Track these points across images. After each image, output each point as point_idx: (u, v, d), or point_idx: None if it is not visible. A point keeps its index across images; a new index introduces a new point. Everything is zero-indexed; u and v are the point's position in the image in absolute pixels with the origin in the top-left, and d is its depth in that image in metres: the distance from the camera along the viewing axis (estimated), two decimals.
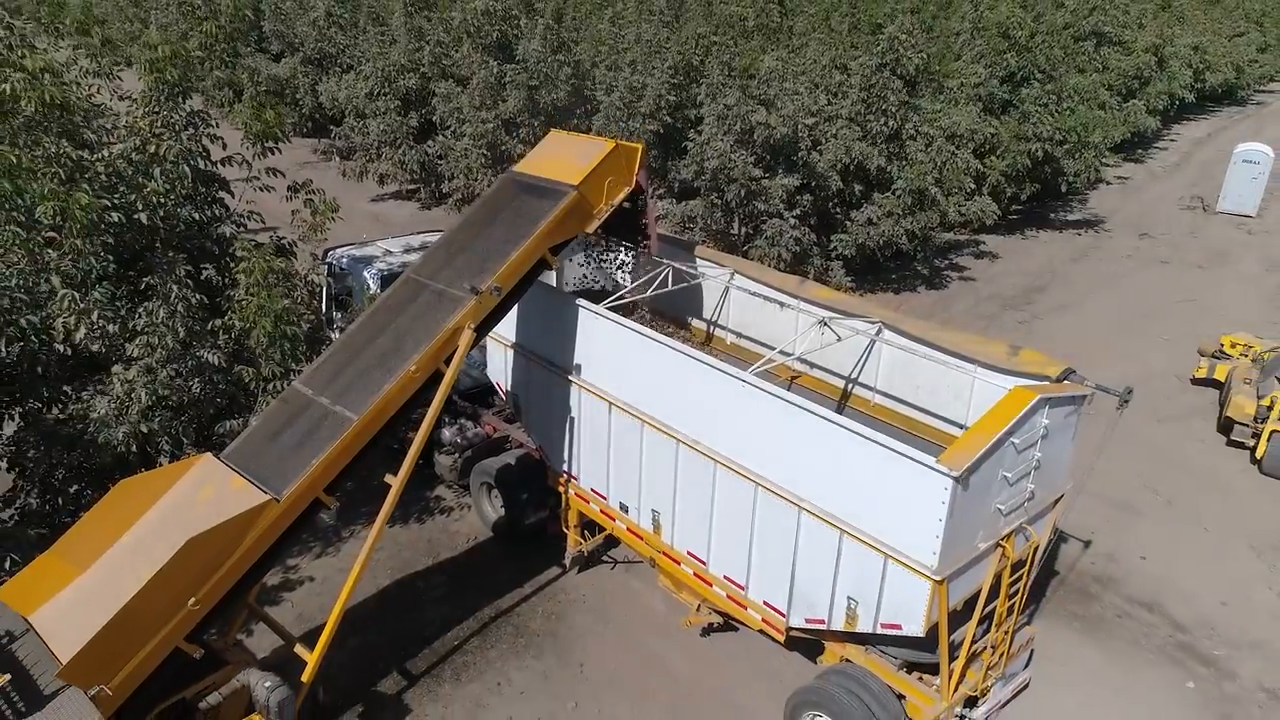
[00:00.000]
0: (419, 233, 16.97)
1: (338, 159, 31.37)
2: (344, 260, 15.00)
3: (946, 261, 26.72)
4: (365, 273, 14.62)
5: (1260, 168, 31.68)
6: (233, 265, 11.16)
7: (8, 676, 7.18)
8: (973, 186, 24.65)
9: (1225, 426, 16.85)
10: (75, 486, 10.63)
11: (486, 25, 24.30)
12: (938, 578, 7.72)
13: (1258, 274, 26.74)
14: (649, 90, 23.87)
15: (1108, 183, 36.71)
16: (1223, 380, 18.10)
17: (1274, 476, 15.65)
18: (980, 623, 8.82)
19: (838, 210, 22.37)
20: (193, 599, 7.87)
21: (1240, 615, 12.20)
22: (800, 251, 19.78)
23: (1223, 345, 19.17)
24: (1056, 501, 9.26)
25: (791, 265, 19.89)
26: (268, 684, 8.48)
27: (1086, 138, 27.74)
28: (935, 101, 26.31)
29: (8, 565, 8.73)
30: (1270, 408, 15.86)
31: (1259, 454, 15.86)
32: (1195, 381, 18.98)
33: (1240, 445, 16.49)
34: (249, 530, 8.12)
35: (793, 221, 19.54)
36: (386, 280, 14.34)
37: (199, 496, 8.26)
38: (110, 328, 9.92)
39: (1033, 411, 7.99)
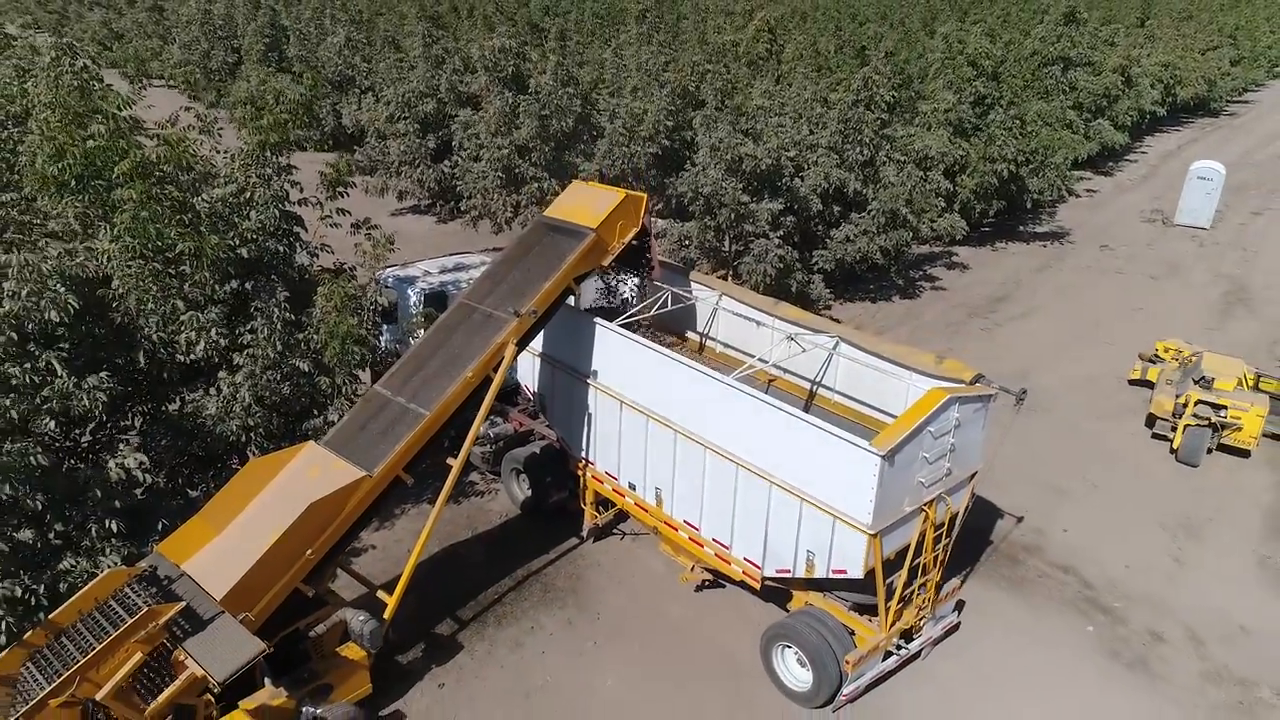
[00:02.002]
0: (452, 254, 19.46)
1: (359, 175, 33.84)
2: (390, 279, 17.51)
3: (920, 272, 29.28)
4: (409, 290, 17.16)
5: (1213, 184, 34.27)
6: (311, 290, 13.66)
7: (182, 604, 9.65)
8: (943, 205, 27.22)
9: (1150, 421, 19.42)
10: (187, 470, 13.10)
11: (503, 60, 26.78)
12: (872, 532, 10.27)
13: (1204, 284, 29.30)
14: (649, 116, 26.33)
15: (1076, 195, 39.18)
16: (1153, 381, 20.65)
17: (1187, 464, 18.21)
18: (910, 573, 11.36)
19: (819, 228, 24.94)
20: (310, 550, 10.40)
21: (1140, 577, 14.76)
22: (784, 267, 22.31)
23: (1157, 350, 21.72)
24: (971, 477, 11.80)
25: (776, 279, 22.42)
26: (361, 618, 11.01)
27: (1049, 158, 30.36)
28: (910, 126, 28.90)
29: (160, 528, 11.21)
30: (1185, 405, 18.44)
31: (1175, 445, 18.44)
32: (1131, 382, 21.53)
33: (1163, 438, 19.06)
34: (350, 499, 10.65)
35: (777, 241, 22.07)
36: (428, 297, 16.92)
37: (309, 474, 10.78)
38: (222, 341, 12.42)
39: (945, 407, 10.55)
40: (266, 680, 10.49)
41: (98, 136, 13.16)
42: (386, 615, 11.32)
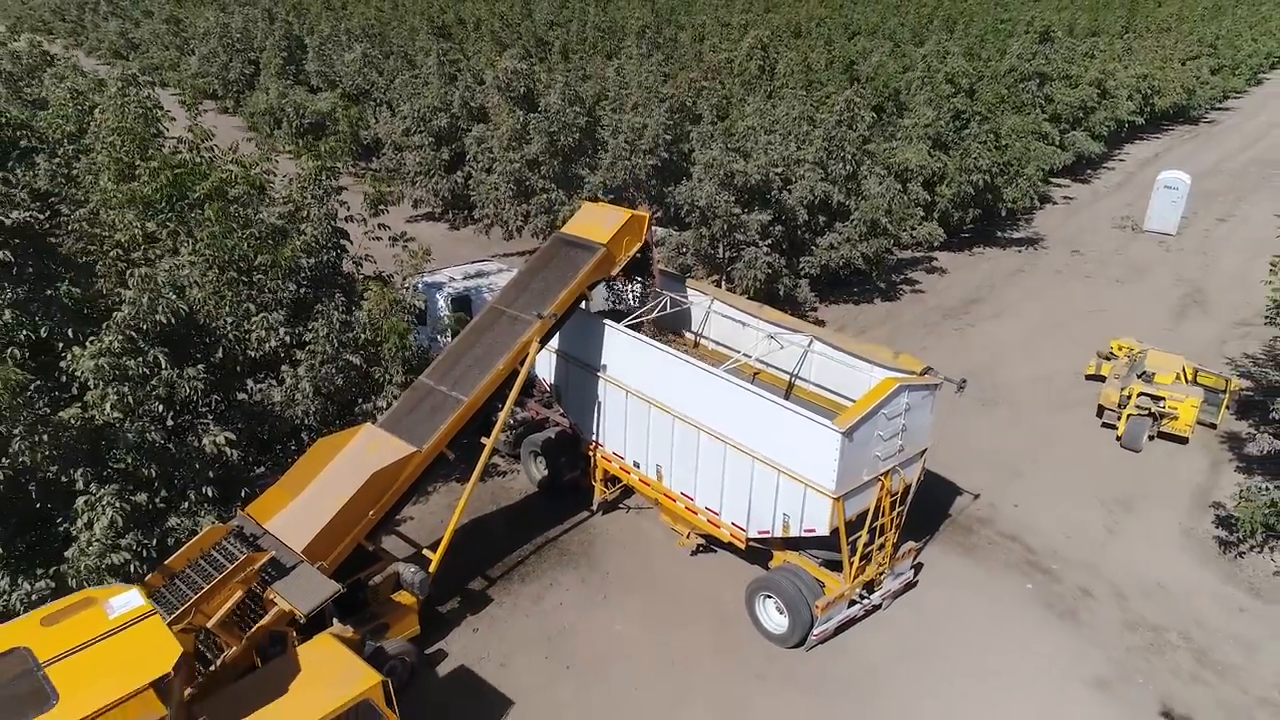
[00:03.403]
0: (473, 262, 21.68)
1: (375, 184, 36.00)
2: (420, 284, 19.68)
3: (902, 276, 31.47)
4: (437, 295, 19.36)
5: (1179, 193, 36.49)
6: (358, 295, 15.86)
7: (271, 554, 11.82)
8: (922, 214, 29.43)
9: (1099, 412, 21.63)
10: (254, 450, 15.26)
11: (515, 81, 28.96)
12: (835, 496, 12.48)
13: (1166, 287, 31.50)
14: (649, 130, 28.49)
15: (1054, 202, 41.50)
16: (1106, 376, 22.84)
17: (1130, 449, 20.42)
18: (870, 533, 13.56)
19: (806, 236, 27.13)
20: (371, 511, 12.60)
21: (1076, 544, 16.97)
22: (772, 273, 24.50)
23: (1112, 348, 23.92)
24: (922, 453, 14.00)
25: (765, 283, 24.62)
26: (411, 570, 13.21)
27: (1022, 169, 32.58)
28: (893, 140, 31.11)
29: (243, 494, 13.39)
30: (1129, 397, 20.66)
31: (1120, 432, 20.67)
32: (1088, 377, 23.73)
33: (1110, 426, 21.26)
34: (404, 470, 12.85)
35: (765, 249, 24.28)
36: (454, 300, 19.12)
37: (369, 449, 12.97)
38: (287, 339, 14.60)
39: (896, 394, 12.75)
40: (334, 619, 12.68)
41: (183, 164, 15.42)
42: (431, 569, 13.50)
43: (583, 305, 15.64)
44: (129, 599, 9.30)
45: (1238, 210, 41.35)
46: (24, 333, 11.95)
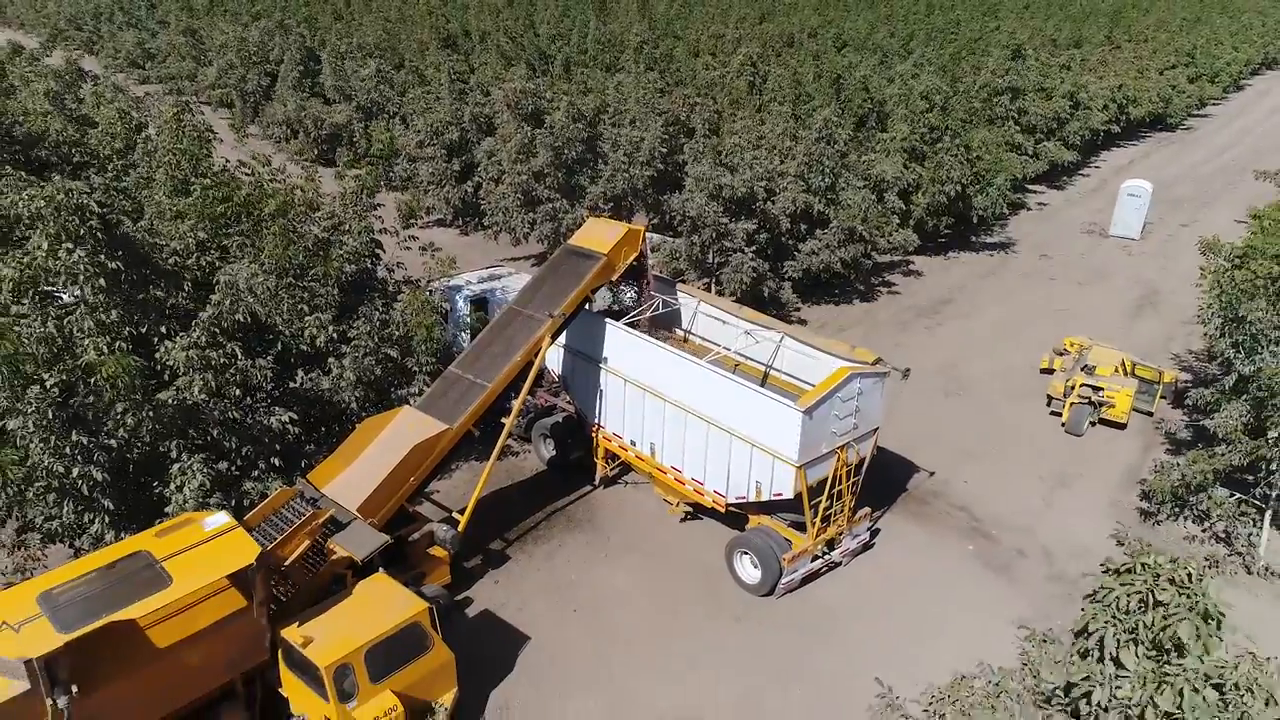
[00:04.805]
0: (487, 267, 24.22)
1: (389, 191, 38.53)
2: (442, 287, 22.23)
3: (880, 279, 33.98)
4: (457, 297, 21.90)
5: (1141, 200, 39.06)
6: (391, 297, 18.38)
7: (331, 511, 14.32)
8: (898, 221, 31.97)
9: (1048, 401, 24.16)
10: (304, 430, 17.76)
11: (523, 100, 31.49)
12: (798, 465, 15.01)
13: (1123, 289, 34.04)
14: (645, 143, 30.98)
15: (1028, 208, 44.04)
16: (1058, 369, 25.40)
17: (1073, 434, 22.96)
18: (829, 499, 16.08)
19: (789, 243, 29.67)
20: (412, 478, 15.12)
21: (1016, 514, 19.50)
22: (757, 277, 27.04)
23: (1065, 344, 26.46)
24: (873, 431, 16.54)
25: (751, 286, 27.14)
26: (444, 528, 15.74)
27: (991, 179, 35.11)
28: (871, 152, 33.64)
29: (302, 465, 15.90)
30: (1072, 387, 23.20)
31: (1064, 419, 23.21)
32: (1042, 371, 26.21)
33: (1057, 414, 23.79)
34: (439, 443, 15.38)
35: (750, 255, 26.83)
36: (472, 302, 21.65)
37: (409, 426, 15.49)
38: (335, 335, 17.10)
39: (848, 380, 15.30)
40: (381, 568, 15.19)
41: (232, 181, 17.95)
42: (460, 529, 16.03)
43: (587, 306, 18.14)
44: (219, 518, 12.24)
45: (1200, 215, 43.84)
46: (128, 329, 14.46)
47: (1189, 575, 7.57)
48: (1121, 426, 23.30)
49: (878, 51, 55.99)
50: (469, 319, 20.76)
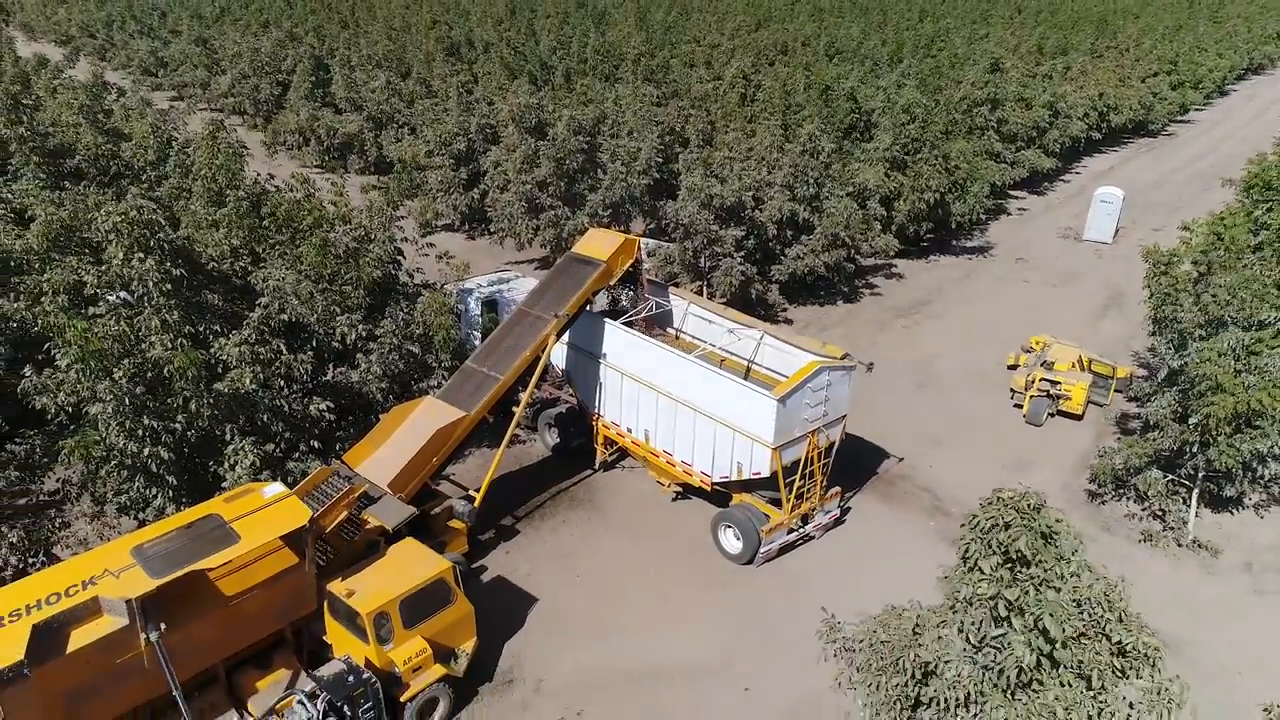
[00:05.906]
0: (496, 270, 26.33)
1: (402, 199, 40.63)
2: (456, 290, 24.33)
3: (863, 281, 36.07)
4: (469, 298, 24.01)
5: (1113, 206, 41.17)
6: (410, 299, 20.50)
7: (364, 487, 16.40)
8: (880, 227, 34.06)
9: (1011, 395, 26.27)
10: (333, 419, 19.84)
11: (528, 114, 33.61)
12: (773, 446, 17.13)
13: (1092, 291, 36.11)
14: (642, 153, 33.07)
15: (1008, 214, 46.12)
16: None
17: (1032, 424, 25.07)
18: (802, 478, 18.18)
19: (776, 248, 31.78)
20: (435, 458, 17.23)
21: (974, 495, 21.24)
22: (745, 280, 29.15)
23: (1031, 342, 28.56)
24: (842, 419, 18.65)
25: (740, 289, 29.24)
26: (462, 503, 17.85)
27: (969, 187, 37.21)
28: (854, 161, 35.74)
29: (337, 449, 18.00)
30: (1032, 382, 25.32)
31: (1024, 411, 25.32)
32: (1009, 367, 28.31)
33: (1019, 406, 25.90)
34: (458, 428, 17.49)
35: (740, 259, 28.95)
36: (483, 303, 23.76)
37: (431, 413, 17.60)
38: (363, 334, 19.20)
39: (818, 373, 17.40)
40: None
41: (264, 193, 20.06)
42: (476, 504, 18.14)
43: (588, 307, 20.24)
44: (275, 487, 14.37)
45: (1172, 220, 45.80)
46: (188, 328, 16.56)
47: (1030, 505, 9.81)
48: (1078, 418, 25.40)
49: (868, 61, 58.16)
50: (480, 319, 22.85)
